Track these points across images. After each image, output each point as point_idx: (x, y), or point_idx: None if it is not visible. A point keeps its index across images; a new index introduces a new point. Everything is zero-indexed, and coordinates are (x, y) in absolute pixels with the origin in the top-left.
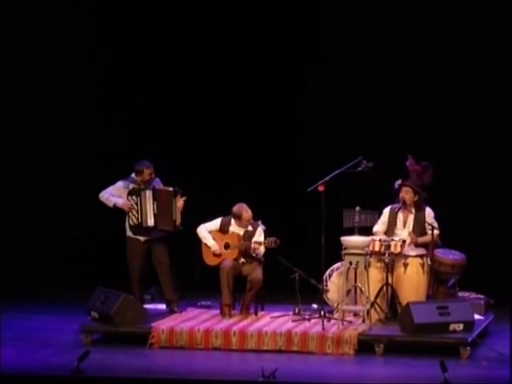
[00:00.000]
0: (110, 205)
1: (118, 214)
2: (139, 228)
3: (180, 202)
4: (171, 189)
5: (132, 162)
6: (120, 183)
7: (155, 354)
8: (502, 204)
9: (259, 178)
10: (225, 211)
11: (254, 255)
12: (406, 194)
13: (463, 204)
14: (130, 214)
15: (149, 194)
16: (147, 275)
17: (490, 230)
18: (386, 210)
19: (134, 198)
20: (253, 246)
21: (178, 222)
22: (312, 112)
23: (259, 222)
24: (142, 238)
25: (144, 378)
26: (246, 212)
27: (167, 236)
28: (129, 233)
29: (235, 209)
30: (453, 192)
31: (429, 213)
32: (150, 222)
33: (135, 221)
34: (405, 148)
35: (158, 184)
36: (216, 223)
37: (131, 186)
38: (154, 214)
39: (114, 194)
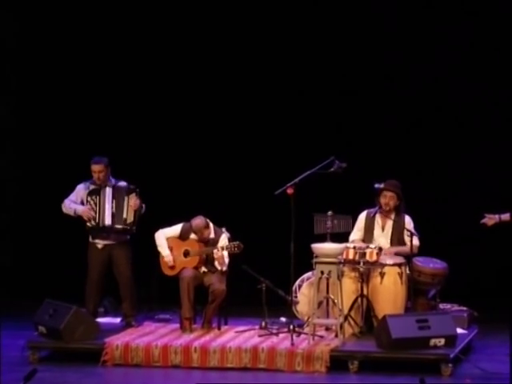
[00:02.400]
0: (71, 213)
1: (68, 221)
2: (97, 229)
3: (134, 201)
4: (125, 184)
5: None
6: (80, 186)
7: (109, 372)
8: (485, 210)
9: (223, 179)
10: (187, 216)
11: (218, 268)
12: (391, 199)
13: (444, 209)
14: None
15: (109, 191)
16: (106, 285)
17: (473, 237)
18: (362, 216)
19: (93, 198)
20: (215, 251)
21: (130, 220)
22: (280, 109)
23: (223, 229)
24: (99, 245)
25: None
26: (202, 234)
27: (130, 242)
28: (90, 237)
29: (193, 224)
30: (434, 197)
31: (408, 222)
32: (108, 220)
33: (93, 222)
34: (381, 147)
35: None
36: (176, 229)
37: (92, 187)
38: (112, 213)
39: (76, 201)
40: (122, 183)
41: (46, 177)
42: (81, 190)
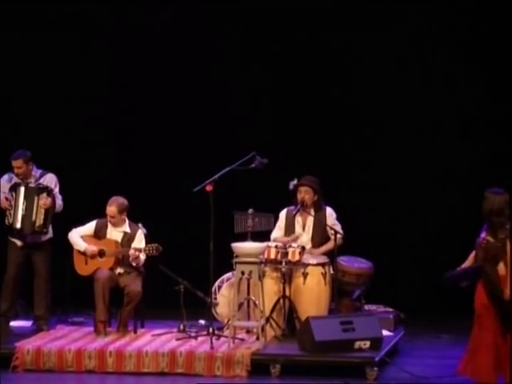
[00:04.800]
0: None
1: None
2: (11, 230)
3: (44, 201)
4: (34, 185)
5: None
6: (4, 177)
7: (19, 378)
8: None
9: (140, 175)
10: (101, 214)
11: (133, 264)
12: (306, 194)
13: (370, 208)
14: (7, 212)
15: (22, 190)
16: (22, 286)
17: (400, 236)
18: (283, 214)
19: (12, 193)
20: (131, 252)
21: (39, 223)
22: (199, 103)
23: (140, 225)
24: (18, 243)
25: None
26: (109, 206)
27: (50, 243)
28: (8, 235)
29: (112, 198)
30: (361, 199)
31: (330, 213)
32: (18, 224)
33: (10, 220)
34: (303, 142)
35: (49, 181)
36: (90, 227)
37: (14, 180)
38: (22, 216)
39: None
40: (47, 176)
41: None
42: (3, 182)
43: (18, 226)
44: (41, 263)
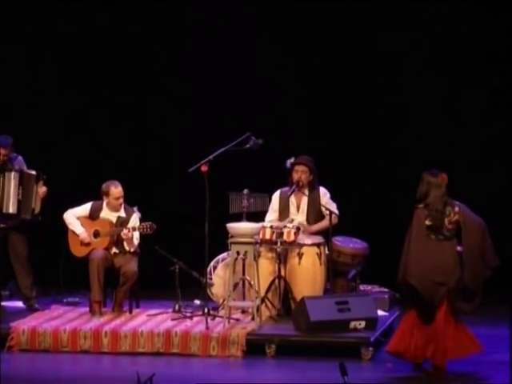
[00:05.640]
0: None
1: None
2: None
3: (42, 189)
4: (34, 172)
5: None
6: None
7: (15, 359)
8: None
9: (134, 156)
10: (96, 196)
11: (127, 248)
12: (303, 173)
13: (364, 189)
14: None
15: (15, 176)
16: (4, 268)
17: (395, 216)
18: (276, 196)
19: None
20: (125, 232)
21: (37, 210)
22: (192, 83)
23: (135, 209)
24: None
25: None
26: (115, 187)
27: (26, 224)
28: None
29: (104, 185)
30: (356, 178)
31: (324, 193)
32: (13, 208)
33: None
34: (298, 121)
35: (21, 163)
36: (85, 208)
37: None
38: (18, 201)
39: None
40: (19, 158)
41: None
42: None
43: (13, 210)
44: (20, 243)
